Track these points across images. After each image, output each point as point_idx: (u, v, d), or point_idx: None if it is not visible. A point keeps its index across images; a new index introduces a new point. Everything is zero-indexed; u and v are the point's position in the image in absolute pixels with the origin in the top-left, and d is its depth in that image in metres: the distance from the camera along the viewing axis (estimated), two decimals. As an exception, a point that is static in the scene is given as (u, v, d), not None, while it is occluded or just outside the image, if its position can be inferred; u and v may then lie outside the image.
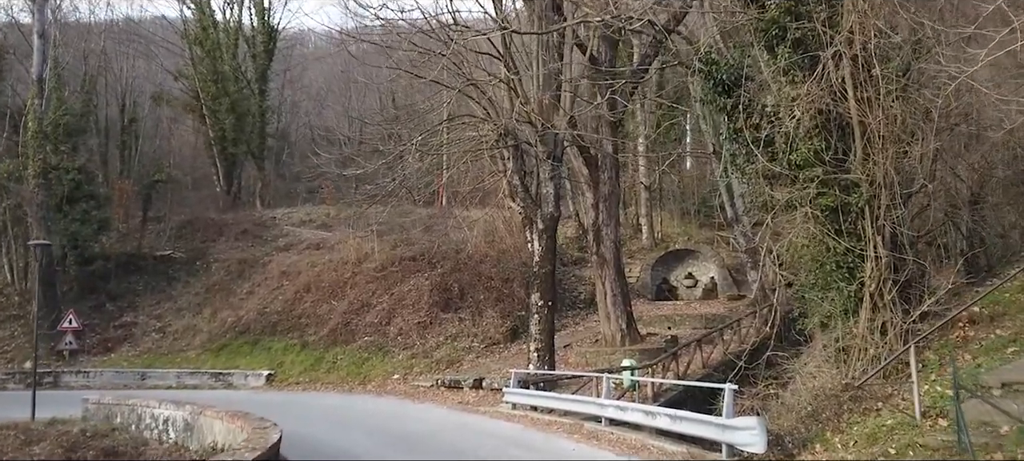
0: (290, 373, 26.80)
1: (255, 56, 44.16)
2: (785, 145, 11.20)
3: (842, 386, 10.19)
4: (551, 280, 20.53)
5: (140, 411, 18.23)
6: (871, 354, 10.66)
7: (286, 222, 39.99)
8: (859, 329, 11.11)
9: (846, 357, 11.03)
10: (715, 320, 26.10)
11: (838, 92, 10.84)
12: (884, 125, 10.32)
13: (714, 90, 12.25)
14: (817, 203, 11.25)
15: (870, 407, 9.86)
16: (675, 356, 19.85)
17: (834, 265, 11.48)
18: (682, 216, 38.29)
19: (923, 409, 9.18)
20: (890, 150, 10.54)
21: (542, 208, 20.29)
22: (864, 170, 10.98)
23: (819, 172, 11.17)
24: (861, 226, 11.27)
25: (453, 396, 21.47)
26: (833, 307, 11.85)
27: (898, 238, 11.11)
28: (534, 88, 19.45)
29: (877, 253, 10.88)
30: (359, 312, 28.73)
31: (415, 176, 21.13)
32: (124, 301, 32.64)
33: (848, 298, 11.38)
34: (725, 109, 12.26)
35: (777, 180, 11.79)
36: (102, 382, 27.44)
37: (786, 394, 11.38)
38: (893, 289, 10.89)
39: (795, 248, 11.59)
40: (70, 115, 32.70)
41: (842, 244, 11.17)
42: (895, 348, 10.71)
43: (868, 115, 10.51)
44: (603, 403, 14.85)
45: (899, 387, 10.18)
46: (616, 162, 23.57)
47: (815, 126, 11.19)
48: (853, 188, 11.25)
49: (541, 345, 20.21)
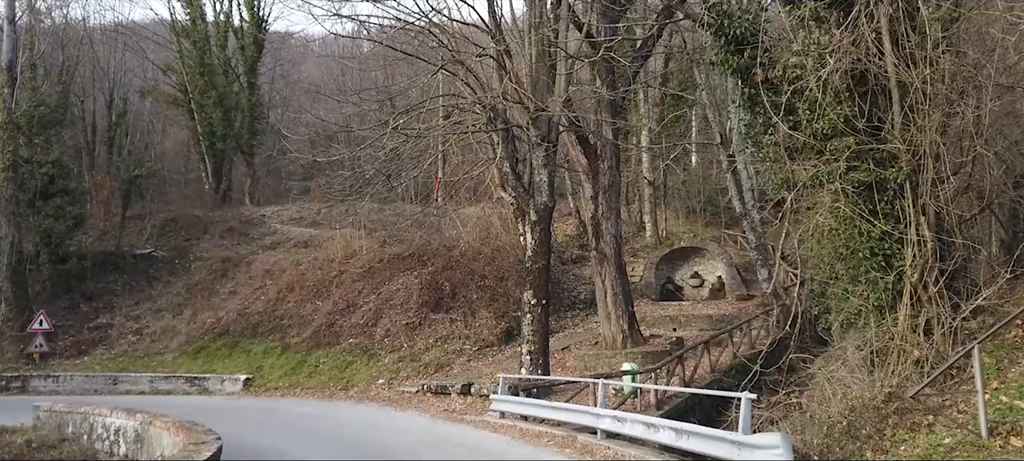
0: (269, 377, 25.15)
1: (244, 48, 42.65)
2: (810, 111, 9.47)
3: (885, 396, 8.44)
4: (545, 276, 18.85)
5: (92, 420, 16.77)
6: (914, 357, 8.90)
7: (276, 220, 38.43)
8: (899, 328, 9.36)
9: (883, 360, 9.27)
10: (723, 321, 24.50)
11: (873, 46, 9.10)
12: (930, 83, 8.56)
13: (726, 48, 10.54)
14: (848, 179, 9.51)
15: (919, 421, 8.13)
16: (680, 359, 18.13)
17: (867, 252, 9.75)
18: (687, 214, 36.84)
19: (990, 425, 7.42)
20: (936, 114, 8.79)
21: (535, 197, 18.61)
22: (903, 139, 9.22)
23: (850, 142, 9.43)
24: (899, 206, 9.52)
25: (439, 403, 19.78)
26: (864, 302, 10.11)
27: (944, 220, 9.35)
28: (526, 66, 17.78)
29: (921, 236, 9.13)
30: (344, 313, 27.07)
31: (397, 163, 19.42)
32: (100, 301, 31.04)
33: (884, 291, 9.66)
34: (739, 70, 10.53)
35: (800, 153, 10.05)
36: (72, 387, 25.92)
37: (812, 404, 9.63)
38: (940, 280, 9.14)
39: (821, 233, 9.83)
40: (45, 106, 31.20)
41: (877, 227, 9.45)
42: (941, 349, 8.96)
43: (912, 71, 8.77)
44: (599, 413, 13.15)
45: (953, 396, 8.44)
46: (617, 150, 21.86)
47: (845, 88, 9.44)
48: (890, 161, 9.50)
49: (534, 347, 18.53)
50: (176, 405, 21.34)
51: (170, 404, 21.56)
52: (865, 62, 9.28)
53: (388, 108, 16.70)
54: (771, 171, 10.77)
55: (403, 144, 17.22)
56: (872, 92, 9.60)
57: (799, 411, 9.99)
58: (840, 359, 10.13)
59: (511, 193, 18.72)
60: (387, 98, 17.28)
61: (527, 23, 17.27)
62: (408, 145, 17.91)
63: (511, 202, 19.20)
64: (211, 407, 21.82)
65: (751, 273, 29.84)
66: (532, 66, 17.68)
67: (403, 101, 18.68)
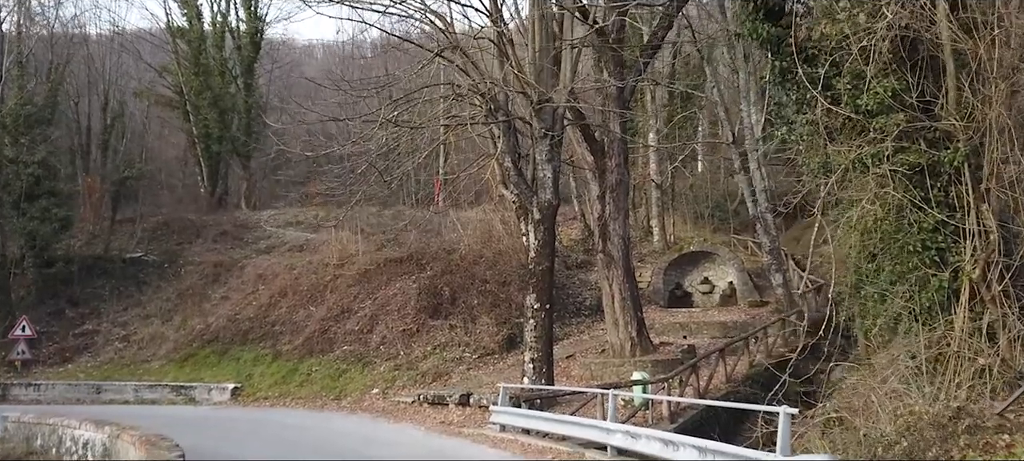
0: (259, 387, 23.95)
1: (240, 47, 41.67)
2: (852, 86, 8.28)
3: (954, 411, 7.21)
4: (549, 278, 17.64)
5: (61, 432, 15.70)
6: (978, 366, 7.67)
7: (272, 224, 37.30)
8: (956, 332, 8.12)
9: (940, 370, 8.04)
10: (736, 328, 23.28)
11: (927, 7, 7.92)
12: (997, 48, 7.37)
13: (755, 16, 9.36)
14: (897, 161, 8.29)
15: (993, 441, 6.89)
16: (694, 369, 16.90)
17: (918, 245, 8.53)
18: (695, 220, 35.76)
19: (1087, 447, 6.21)
20: (1002, 86, 7.59)
21: (539, 195, 17.42)
22: (960, 114, 8.02)
23: (899, 119, 8.22)
24: (955, 192, 8.30)
25: (436, 414, 18.55)
26: (910, 304, 8.86)
27: (1008, 207, 8.13)
28: (529, 53, 16.65)
29: (983, 227, 7.92)
30: (339, 319, 25.86)
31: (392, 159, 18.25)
32: (87, 307, 29.90)
33: (937, 291, 8.42)
34: (769, 41, 9.34)
35: (839, 133, 8.85)
36: (53, 396, 24.83)
37: (855, 419, 8.37)
38: (1005, 277, 7.92)
39: (864, 224, 8.61)
40: (32, 105, 30.21)
41: (930, 216, 8.21)
42: (1008, 357, 7.73)
43: (973, 37, 7.58)
44: (610, 427, 11.89)
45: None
46: (625, 146, 20.69)
47: (894, 58, 8.25)
48: (945, 141, 8.29)
49: (537, 355, 17.30)
50: (159, 415, 20.26)
51: (153, 414, 20.48)
52: (916, 29, 8.11)
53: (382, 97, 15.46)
54: (806, 156, 9.61)
55: (395, 136, 16.05)
56: (923, 62, 8.42)
57: (839, 426, 8.76)
58: (887, 368, 8.88)
59: (513, 190, 17.56)
60: (381, 87, 16.10)
61: (531, 4, 16.12)
62: (403, 138, 16.75)
63: (513, 200, 18.04)
64: (195, 418, 20.70)
65: (764, 279, 28.69)
66: (535, 53, 16.55)
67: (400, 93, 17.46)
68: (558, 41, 18.11)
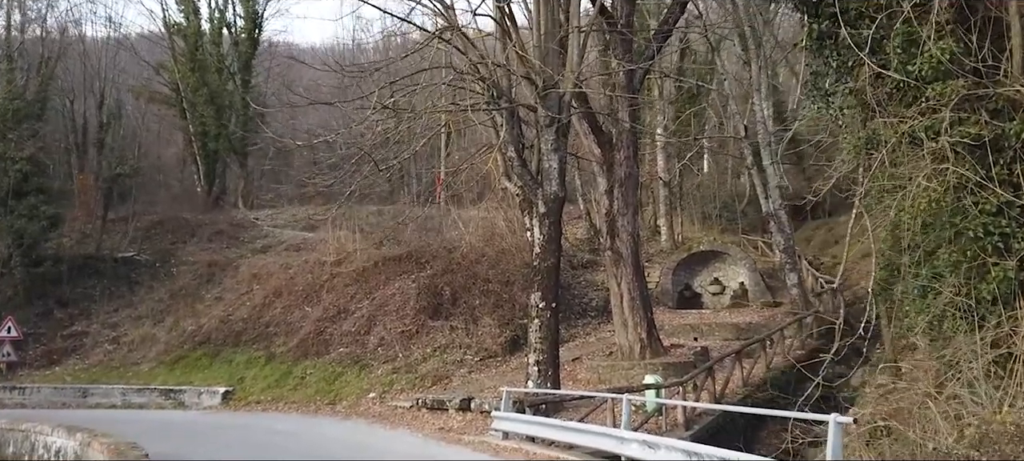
0: (251, 390, 22.96)
1: (237, 43, 40.80)
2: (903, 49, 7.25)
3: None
4: (555, 276, 16.62)
5: (33, 439, 14.85)
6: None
7: (269, 223, 36.37)
8: (1021, 330, 7.08)
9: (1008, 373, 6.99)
10: (749, 330, 22.27)
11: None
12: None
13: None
14: (955, 134, 7.26)
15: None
16: (710, 372, 15.85)
17: (979, 230, 7.48)
18: (703, 220, 34.92)
19: None
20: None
21: (544, 187, 16.40)
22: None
23: (958, 86, 7.19)
24: (1021, 169, 7.27)
25: (435, 420, 17.51)
26: (968, 297, 7.82)
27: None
28: (534, 37, 15.66)
29: (1056, 208, 6.88)
30: (335, 319, 24.86)
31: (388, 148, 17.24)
32: (76, 308, 28.97)
33: (1002, 281, 7.37)
34: (807, 2, 8.31)
35: (888, 103, 7.82)
36: (39, 399, 23.93)
37: (907, 430, 7.32)
38: (1081, 265, 6.88)
39: (918, 207, 7.55)
40: (20, 100, 29.35)
41: (993, 197, 7.17)
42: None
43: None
44: (623, 435, 10.87)
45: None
46: (634, 137, 19.68)
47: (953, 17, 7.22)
48: (1009, 110, 7.26)
49: (542, 357, 16.27)
50: (144, 420, 19.31)
51: (138, 419, 19.55)
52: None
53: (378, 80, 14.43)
54: (845, 132, 8.61)
55: (392, 123, 15.06)
56: (985, 22, 7.40)
57: (888, 437, 7.71)
58: (941, 372, 7.83)
59: (517, 182, 16.55)
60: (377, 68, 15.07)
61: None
62: (401, 126, 15.75)
63: (516, 192, 17.02)
64: (181, 422, 19.76)
65: (776, 279, 27.73)
66: (541, 37, 15.55)
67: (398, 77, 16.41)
68: (564, 26, 17.15)
